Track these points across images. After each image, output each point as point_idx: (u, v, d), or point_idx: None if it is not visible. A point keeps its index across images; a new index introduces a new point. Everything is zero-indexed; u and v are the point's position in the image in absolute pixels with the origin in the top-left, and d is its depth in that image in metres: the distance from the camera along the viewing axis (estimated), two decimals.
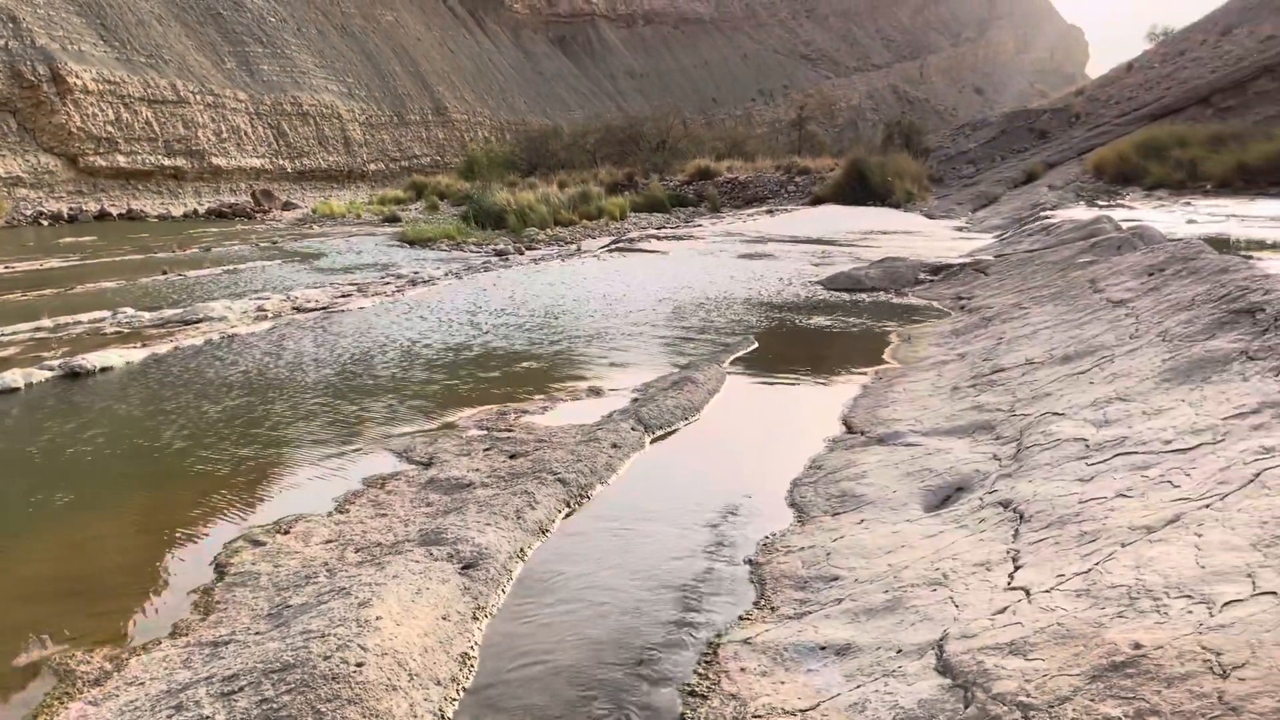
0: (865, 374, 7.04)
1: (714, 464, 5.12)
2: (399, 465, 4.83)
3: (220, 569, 3.67)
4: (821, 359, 7.78)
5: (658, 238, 18.93)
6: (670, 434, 5.54)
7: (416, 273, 13.10)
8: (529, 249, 17.38)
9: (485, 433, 5.28)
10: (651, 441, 5.36)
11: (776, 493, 4.56)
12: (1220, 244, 12.18)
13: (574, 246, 17.84)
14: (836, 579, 3.45)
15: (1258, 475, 3.09)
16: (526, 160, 42.57)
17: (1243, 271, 6.10)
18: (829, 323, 9.36)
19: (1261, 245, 12.55)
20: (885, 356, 7.66)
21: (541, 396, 6.22)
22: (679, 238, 18.95)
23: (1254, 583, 2.47)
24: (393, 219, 26.40)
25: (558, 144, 45.11)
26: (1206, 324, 5.34)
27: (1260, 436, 3.49)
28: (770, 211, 27.68)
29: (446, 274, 13.04)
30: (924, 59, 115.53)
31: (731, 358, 7.59)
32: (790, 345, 8.43)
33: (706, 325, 9.02)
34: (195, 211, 33.86)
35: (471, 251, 16.93)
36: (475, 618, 3.26)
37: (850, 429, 5.64)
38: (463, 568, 3.52)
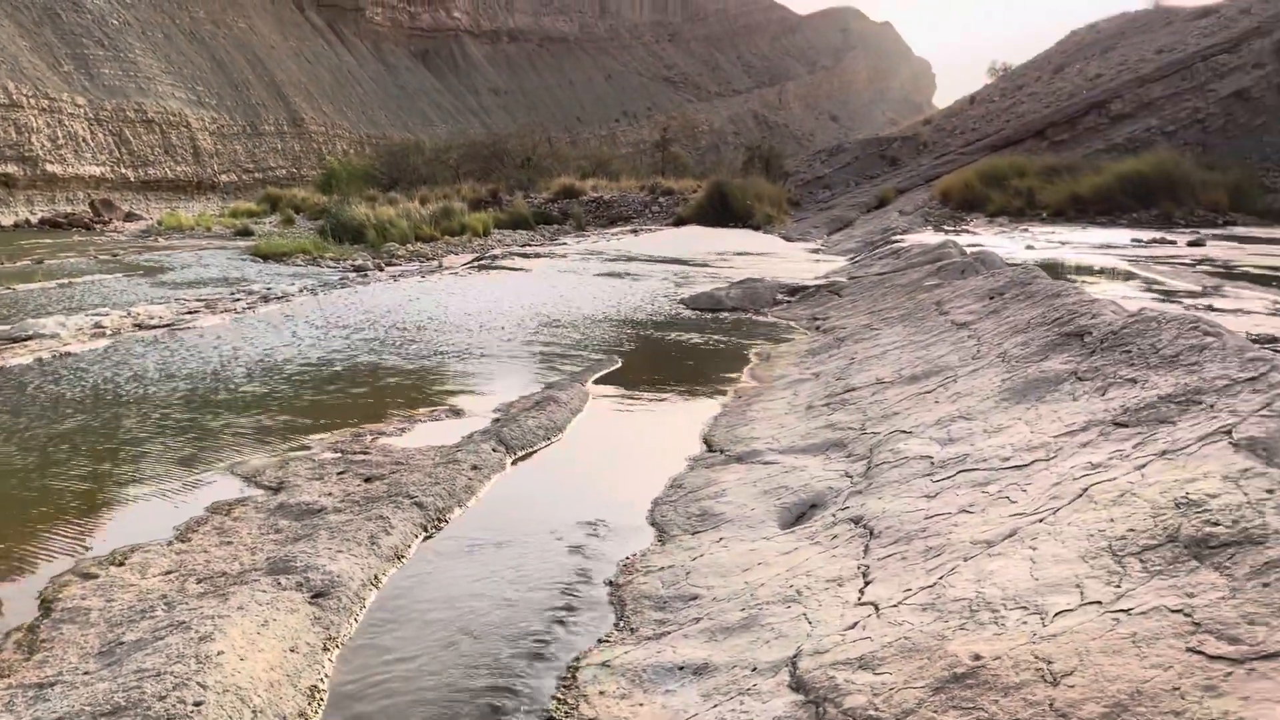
0: (726, 393, 7.16)
1: (576, 484, 5.10)
2: (246, 490, 4.62)
3: (47, 605, 3.43)
4: (683, 378, 7.87)
5: (522, 255, 18.84)
6: (532, 454, 5.50)
7: (269, 288, 12.64)
8: (389, 265, 17.02)
9: (340, 455, 5.12)
10: (513, 462, 5.31)
11: (638, 512, 4.58)
12: (1054, 269, 12.94)
13: (436, 263, 17.57)
14: (695, 598, 3.48)
15: (1085, 490, 3.27)
16: (387, 175, 41.75)
17: (1073, 296, 6.50)
18: (691, 342, 9.49)
19: (1090, 271, 13.41)
20: (745, 376, 7.81)
21: (400, 417, 6.07)
22: (543, 255, 18.91)
23: (1082, 593, 2.61)
24: (245, 233, 25.44)
25: (420, 159, 44.43)
26: (1041, 346, 5.65)
27: (1088, 453, 3.71)
28: (635, 231, 27.95)
29: (301, 290, 12.63)
30: (783, 86, 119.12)
31: (595, 376, 7.60)
32: (653, 364, 8.50)
33: (570, 344, 9.01)
34: (27, 222, 31.85)
35: (329, 267, 16.46)
36: (326, 649, 3.14)
37: (711, 447, 5.72)
38: (313, 597, 3.39)
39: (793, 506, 4.42)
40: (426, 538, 4.18)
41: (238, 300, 11.42)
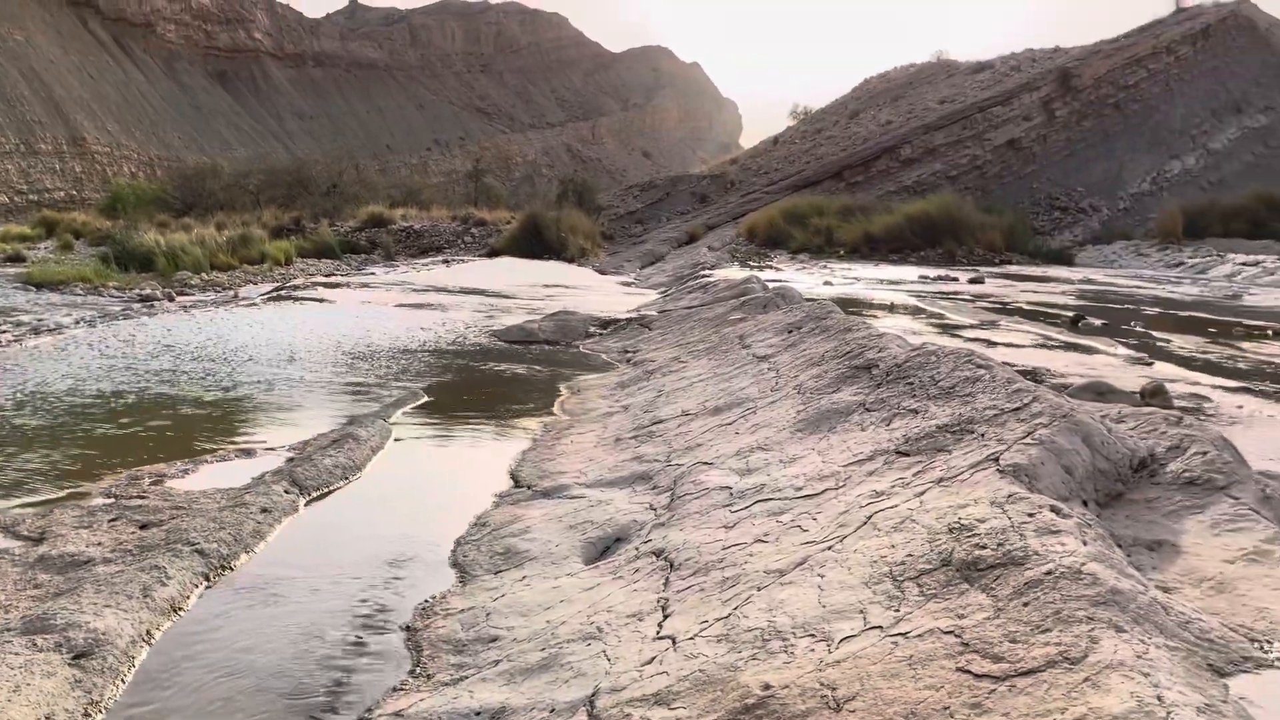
0: (535, 426, 7.11)
1: (374, 526, 4.92)
2: (2, 543, 4.21)
3: None
4: (492, 412, 7.77)
5: (326, 285, 18.21)
6: (329, 495, 5.28)
7: (41, 319, 11.67)
8: (180, 294, 16.06)
9: (113, 501, 4.74)
10: (307, 504, 5.07)
11: (439, 553, 4.46)
12: (850, 304, 13.63)
13: (232, 293, 16.72)
14: (496, 640, 3.41)
15: (870, 518, 3.43)
16: (181, 199, 39.50)
17: (862, 331, 6.85)
18: (501, 375, 9.40)
19: (882, 306, 14.19)
20: (555, 409, 7.79)
21: (183, 458, 5.70)
22: (349, 285, 18.34)
23: (865, 618, 2.72)
24: (16, 258, 23.39)
25: (216, 183, 42.24)
26: (834, 378, 5.92)
27: (873, 481, 3.90)
28: (446, 261, 27.56)
29: (79, 321, 11.72)
30: (596, 121, 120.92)
31: (399, 411, 7.40)
32: (461, 398, 8.36)
33: (375, 378, 8.75)
34: None
35: (112, 296, 15.37)
36: (88, 715, 2.88)
37: (518, 483, 5.66)
38: (74, 657, 3.11)
39: (598, 541, 4.42)
40: (208, 588, 3.92)
41: (3, 332, 10.48)
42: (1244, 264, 25.45)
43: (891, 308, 13.97)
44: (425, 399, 8.01)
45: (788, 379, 6.48)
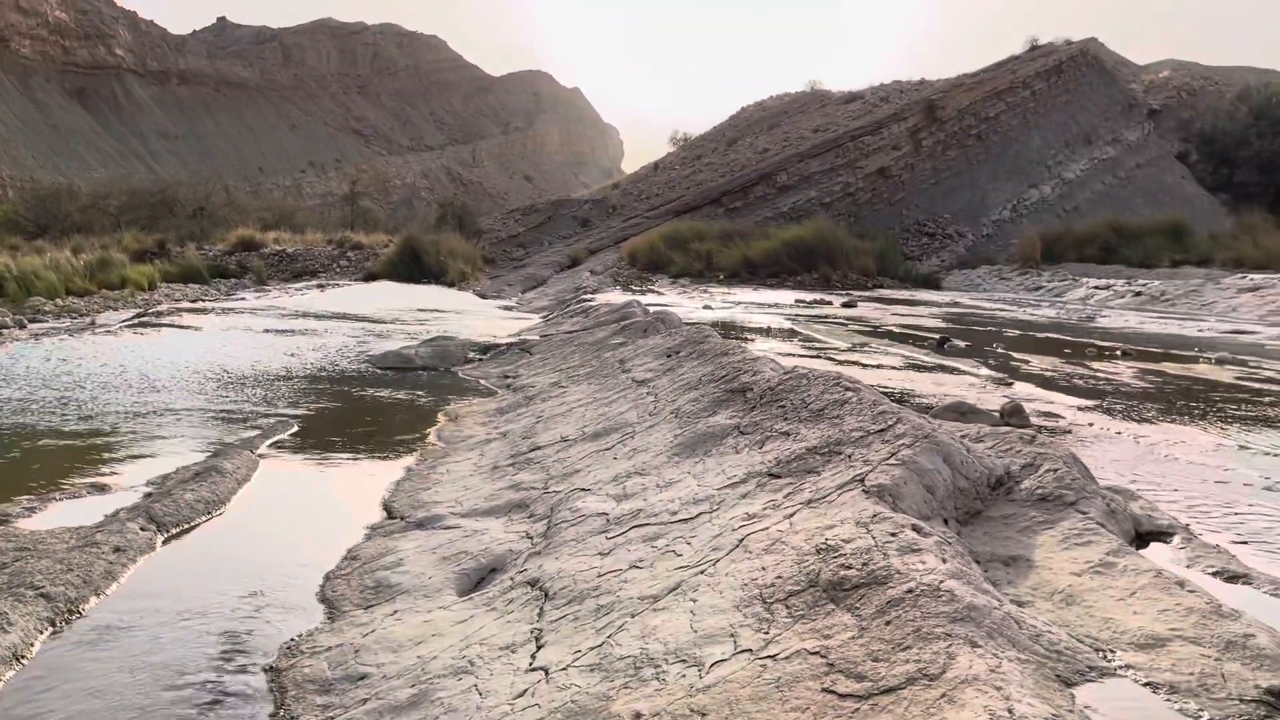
0: (410, 455, 6.97)
1: (238, 562, 4.72)
2: None
3: None
4: (367, 441, 7.58)
5: (193, 311, 17.52)
6: (190, 531, 5.05)
7: None
8: (33, 322, 15.21)
9: None
10: (165, 542, 4.84)
11: (307, 588, 4.31)
12: (728, 328, 13.85)
13: (89, 320, 15.93)
14: (364, 677, 3.31)
15: (742, 541, 3.47)
16: (34, 221, 37.49)
17: (738, 355, 6.96)
18: (377, 403, 9.19)
19: (759, 329, 14.46)
20: (432, 436, 7.66)
21: (30, 496, 5.37)
22: (218, 311, 17.69)
23: (735, 642, 2.74)
24: None
25: (73, 204, 40.26)
26: (710, 402, 5.99)
27: (746, 504, 3.95)
28: (321, 286, 26.88)
29: None
30: (476, 144, 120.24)
31: (268, 442, 7.14)
32: (334, 427, 8.13)
33: (242, 407, 8.44)
34: None
35: None
36: None
37: (391, 514, 5.53)
38: None
39: (472, 572, 4.35)
40: (55, 633, 3.69)
41: None
42: (1097, 287, 26.94)
43: (768, 331, 14.26)
44: (296, 428, 7.77)
45: (666, 403, 6.53)
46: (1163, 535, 3.79)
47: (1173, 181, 49.73)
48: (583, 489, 5.04)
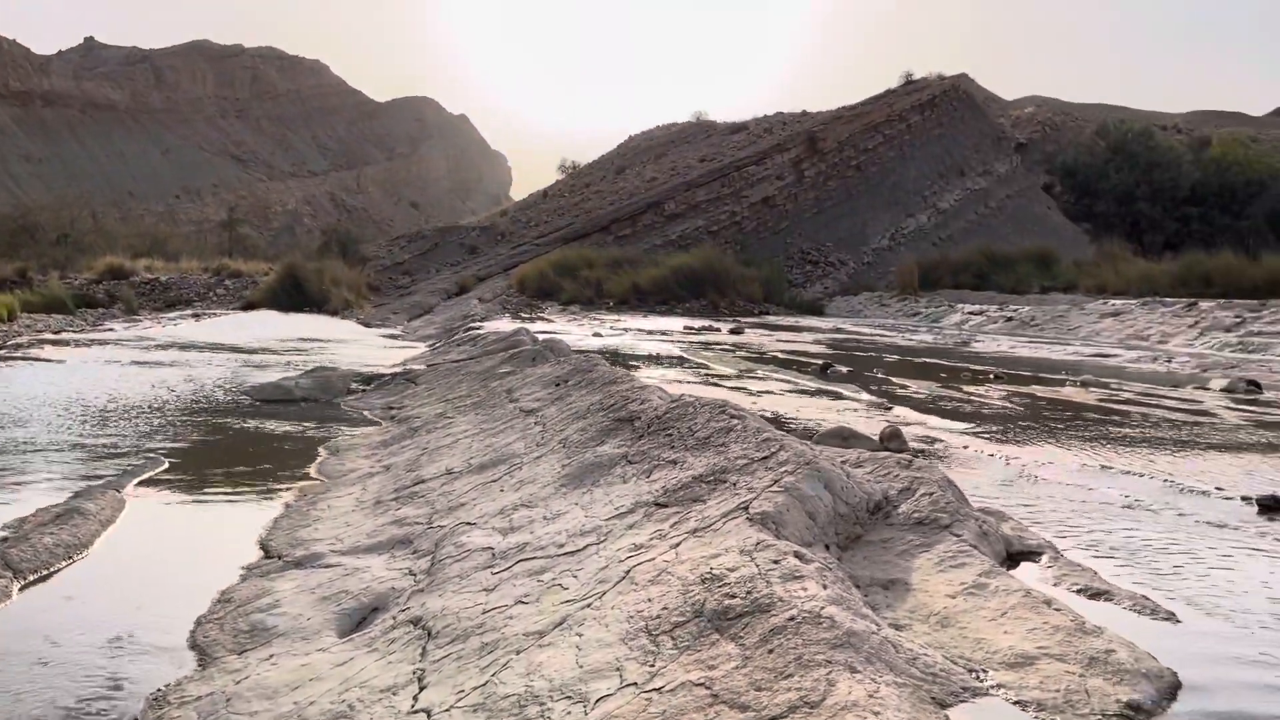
0: (290, 491, 6.75)
1: (102, 610, 4.48)
2: None
3: None
4: (243, 477, 7.31)
5: (55, 342, 16.67)
6: (50, 577, 4.77)
7: None
8: None
9: None
10: (23, 589, 4.56)
11: (177, 634, 4.11)
12: (617, 356, 13.89)
13: None
14: None
15: (629, 572, 3.46)
16: None
17: (626, 384, 6.98)
18: (255, 436, 8.88)
19: (648, 357, 14.55)
20: (312, 471, 7.43)
21: None
22: (83, 343, 16.88)
23: (621, 676, 2.72)
24: None
25: None
26: (598, 431, 5.98)
27: (633, 535, 3.94)
28: (196, 315, 25.95)
29: None
30: (361, 170, 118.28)
31: (135, 480, 6.82)
32: (208, 463, 7.82)
33: (108, 444, 8.04)
34: None
35: None
36: None
37: (268, 553, 5.33)
38: None
39: (353, 612, 4.22)
40: None
41: None
42: (971, 313, 28.03)
43: (658, 358, 14.36)
44: (166, 465, 7.43)
45: (554, 433, 6.50)
46: (1032, 555, 3.94)
47: (1040, 211, 52.26)
48: (468, 523, 4.95)
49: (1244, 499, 5.20)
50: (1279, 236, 42.81)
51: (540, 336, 13.63)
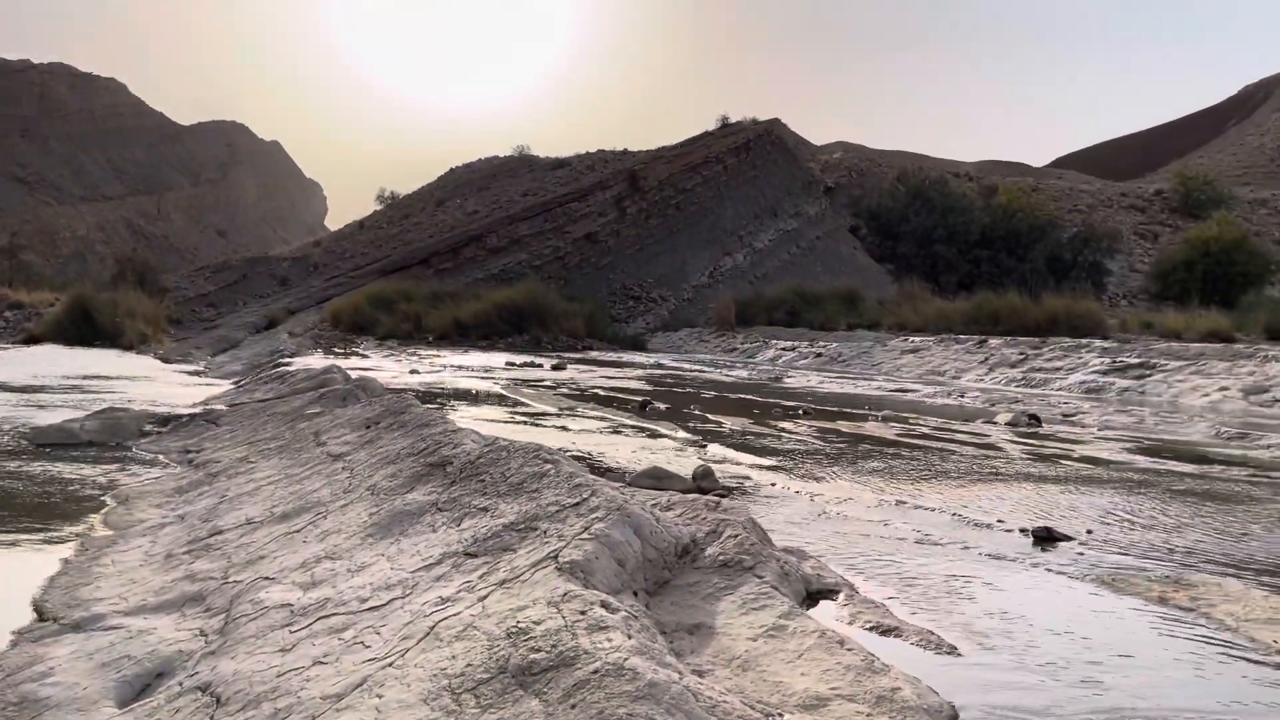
0: (70, 545, 6.24)
1: None
2: None
3: None
4: (17, 531, 6.70)
5: None
6: None
7: None
8: None
9: None
10: None
11: None
12: (434, 394, 13.64)
13: None
14: None
15: (433, 628, 3.37)
16: None
17: (439, 426, 6.85)
18: (31, 485, 8.18)
19: (467, 395, 14.35)
20: (96, 523, 6.90)
21: None
22: None
23: None
24: None
25: None
26: (408, 477, 5.83)
27: (440, 587, 3.85)
28: None
29: None
30: (162, 195, 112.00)
31: None
32: None
33: None
34: None
35: None
36: None
37: (43, 615, 4.90)
38: None
39: (134, 679, 3.93)
40: None
41: None
42: (784, 349, 29.13)
43: (476, 396, 14.18)
44: None
45: (362, 479, 6.29)
46: (830, 593, 4.09)
47: (847, 252, 55.01)
48: (268, 577, 4.72)
49: (1021, 531, 5.59)
50: (1057, 278, 46.64)
51: (353, 374, 13.22)
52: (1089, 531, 5.64)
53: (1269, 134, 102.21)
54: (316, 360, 19.75)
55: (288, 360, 19.98)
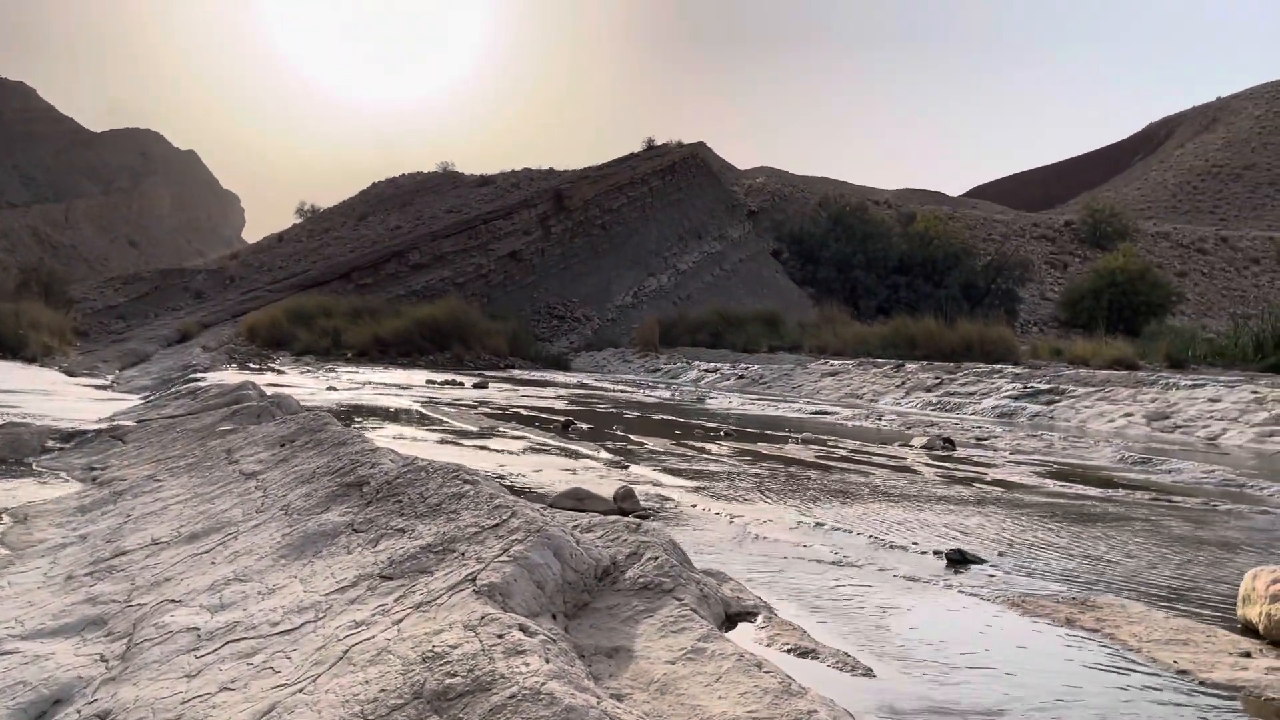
0: None
1: None
2: None
3: None
4: None
5: None
6: None
7: None
8: None
9: None
10: None
11: None
12: (353, 412, 13.41)
13: None
14: None
15: (347, 652, 3.30)
16: None
17: (356, 445, 6.72)
18: None
19: (386, 413, 14.13)
20: None
21: None
22: None
23: None
24: None
25: None
26: (324, 497, 5.71)
27: (354, 610, 3.77)
28: None
29: None
30: (70, 203, 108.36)
31: None
32: None
33: None
34: None
35: None
36: None
37: None
38: None
39: (29, 707, 3.76)
40: None
41: None
42: (707, 370, 29.32)
43: (395, 415, 13.97)
44: None
45: (276, 499, 6.14)
46: (749, 615, 4.12)
47: (769, 275, 55.72)
48: (174, 600, 4.56)
49: (935, 553, 5.70)
50: (972, 305, 47.90)
51: (268, 390, 12.93)
52: (1000, 554, 5.78)
53: (1171, 170, 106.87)
54: (231, 375, 19.26)
55: (200, 375, 19.46)
